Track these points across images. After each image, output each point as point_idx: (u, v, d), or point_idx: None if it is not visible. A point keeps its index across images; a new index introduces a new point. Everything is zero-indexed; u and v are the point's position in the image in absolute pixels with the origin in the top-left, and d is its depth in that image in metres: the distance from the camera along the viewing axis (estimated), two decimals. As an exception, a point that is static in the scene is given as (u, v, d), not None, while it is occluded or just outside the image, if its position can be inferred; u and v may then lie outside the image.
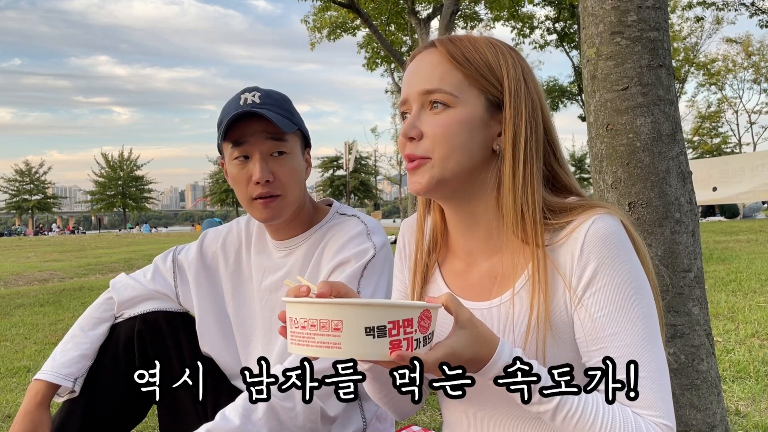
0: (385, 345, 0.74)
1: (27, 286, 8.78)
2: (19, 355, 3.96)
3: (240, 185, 1.41)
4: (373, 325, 0.73)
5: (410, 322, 0.75)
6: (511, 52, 0.98)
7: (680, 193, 1.50)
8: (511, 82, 0.94)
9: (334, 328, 0.73)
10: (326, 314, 0.74)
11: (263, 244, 1.56)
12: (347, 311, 0.73)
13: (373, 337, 0.73)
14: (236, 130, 1.38)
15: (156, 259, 1.67)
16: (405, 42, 17.59)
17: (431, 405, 2.58)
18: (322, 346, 0.74)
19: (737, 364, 2.79)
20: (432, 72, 0.94)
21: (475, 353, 0.82)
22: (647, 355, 0.88)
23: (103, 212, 57.93)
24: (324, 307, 0.74)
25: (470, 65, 0.94)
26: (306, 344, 0.76)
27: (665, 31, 1.53)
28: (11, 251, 17.31)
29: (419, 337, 0.77)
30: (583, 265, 0.90)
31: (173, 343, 1.55)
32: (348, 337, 0.73)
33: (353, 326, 0.73)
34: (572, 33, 21.46)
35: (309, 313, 0.75)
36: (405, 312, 0.75)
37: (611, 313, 0.89)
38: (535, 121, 0.95)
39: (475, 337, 0.82)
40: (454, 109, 0.93)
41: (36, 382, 1.47)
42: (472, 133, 0.93)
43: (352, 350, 0.73)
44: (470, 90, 0.94)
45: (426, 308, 0.78)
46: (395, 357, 0.74)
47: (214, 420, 1.18)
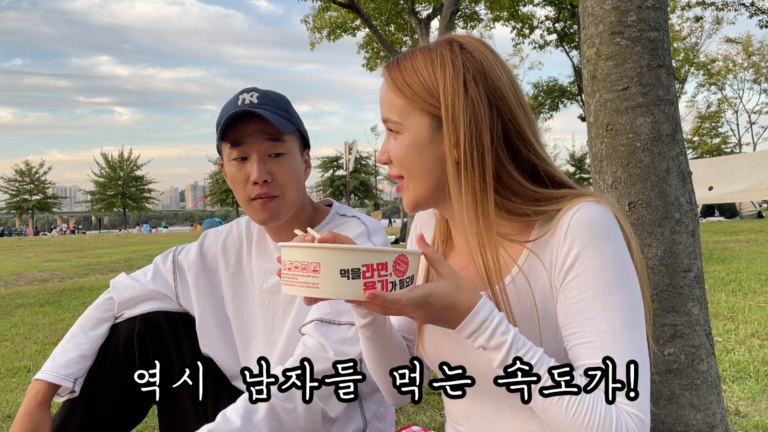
0: (359, 286, 0.79)
1: (27, 286, 8.78)
2: (19, 355, 3.96)
3: (238, 186, 1.41)
4: (348, 268, 0.79)
5: (385, 266, 0.80)
6: (458, 54, 0.95)
7: (680, 193, 1.50)
8: (447, 97, 0.94)
9: (313, 269, 0.80)
10: (306, 257, 0.81)
11: (264, 245, 1.56)
12: (324, 254, 0.80)
13: (347, 278, 0.79)
14: (234, 130, 1.38)
15: (156, 260, 1.67)
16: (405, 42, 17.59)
17: (431, 405, 2.58)
18: (304, 285, 0.80)
19: (737, 364, 2.79)
20: (383, 100, 1.01)
21: (455, 302, 0.85)
22: (623, 344, 0.86)
23: (103, 212, 57.93)
24: (304, 250, 0.81)
25: (409, 89, 0.97)
26: (291, 284, 0.82)
27: (665, 31, 1.53)
28: (11, 251, 17.31)
29: (395, 280, 0.82)
30: (566, 250, 0.90)
31: (173, 343, 1.55)
32: (325, 278, 0.79)
33: (329, 268, 0.79)
34: (572, 33, 21.46)
35: (293, 255, 0.82)
36: (379, 256, 0.80)
37: (589, 298, 0.88)
38: (478, 131, 0.93)
39: (456, 288, 0.85)
40: (402, 134, 0.98)
41: (36, 382, 1.47)
42: (420, 154, 0.97)
43: (329, 290, 0.79)
44: (413, 114, 0.97)
45: (401, 253, 0.82)
46: (368, 296, 0.79)
47: (215, 421, 1.18)
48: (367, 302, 0.81)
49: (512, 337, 0.85)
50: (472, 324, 0.85)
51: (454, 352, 1.01)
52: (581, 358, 0.88)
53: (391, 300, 0.81)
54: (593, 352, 0.87)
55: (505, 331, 0.85)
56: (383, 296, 0.80)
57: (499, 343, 0.85)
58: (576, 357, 0.89)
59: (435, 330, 1.04)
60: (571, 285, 0.90)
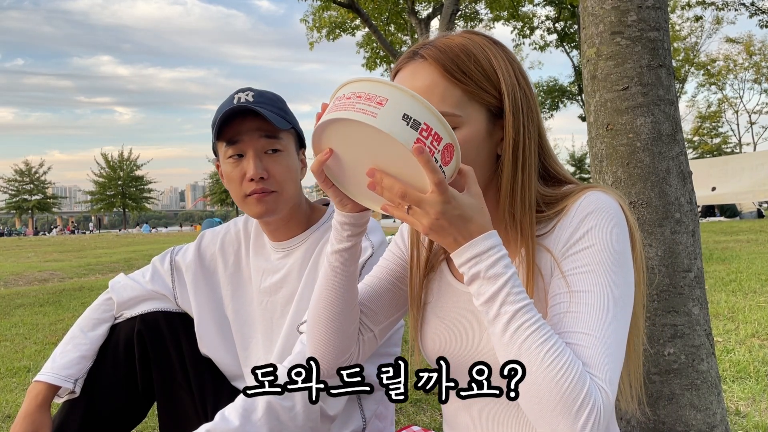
0: (413, 136, 0.77)
1: (27, 286, 8.78)
2: (19, 355, 3.96)
3: (234, 183, 1.41)
4: (412, 116, 0.77)
5: (439, 139, 0.78)
6: (498, 48, 0.95)
7: (680, 193, 1.50)
8: (508, 88, 0.92)
9: (378, 102, 0.77)
10: (377, 90, 0.78)
11: (261, 245, 1.56)
12: (396, 93, 0.77)
13: (407, 124, 0.76)
14: (230, 128, 1.39)
15: (154, 260, 1.67)
16: (405, 42, 17.59)
17: (431, 405, 2.58)
18: (360, 111, 0.77)
19: (737, 364, 2.79)
20: (430, 91, 0.90)
21: (473, 216, 0.82)
22: (606, 322, 0.84)
23: (103, 212, 57.94)
24: (377, 83, 0.78)
25: (468, 79, 0.91)
26: (344, 108, 0.78)
27: (665, 31, 1.53)
28: (11, 251, 17.31)
29: (438, 159, 0.79)
30: (571, 230, 0.90)
31: (173, 343, 1.55)
32: (387, 113, 0.76)
33: (395, 106, 0.76)
34: (572, 33, 21.46)
35: (360, 87, 0.79)
36: (440, 127, 0.78)
37: (585, 273, 0.87)
38: (532, 121, 0.94)
39: (480, 207, 0.83)
40: (459, 129, 0.90)
41: (36, 383, 1.47)
42: (479, 149, 0.92)
43: (385, 124, 0.76)
44: (471, 106, 0.91)
45: (454, 143, 0.81)
46: (416, 150, 0.75)
47: (213, 420, 1.18)
48: (410, 158, 0.76)
49: (511, 273, 0.82)
50: (479, 246, 0.82)
51: (458, 348, 0.99)
52: (563, 327, 0.85)
53: (432, 167, 0.76)
54: (576, 322, 0.84)
55: (507, 265, 0.82)
56: (428, 157, 0.75)
57: (498, 273, 0.81)
58: (558, 326, 0.86)
59: (437, 326, 1.03)
60: (570, 259, 0.89)
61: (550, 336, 0.80)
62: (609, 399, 0.81)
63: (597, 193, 0.92)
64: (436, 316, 1.04)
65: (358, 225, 0.95)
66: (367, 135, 0.78)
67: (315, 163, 0.84)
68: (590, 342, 0.83)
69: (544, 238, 0.94)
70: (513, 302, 0.81)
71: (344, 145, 0.83)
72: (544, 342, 0.79)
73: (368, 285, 1.10)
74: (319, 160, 0.85)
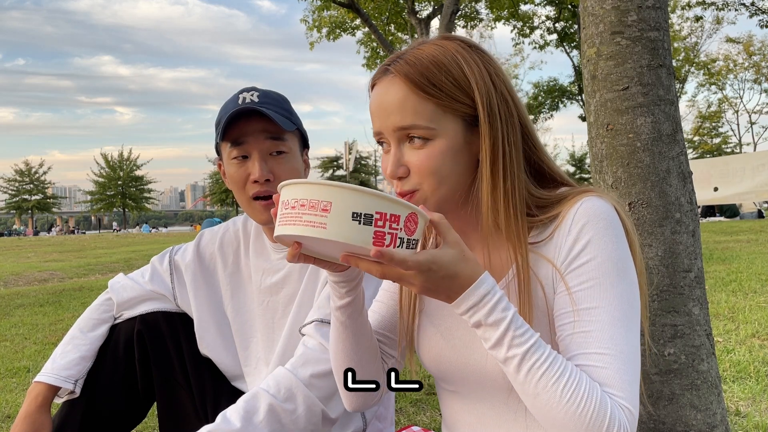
0: (369, 233, 0.73)
1: (27, 286, 8.78)
2: (19, 355, 3.96)
3: (238, 185, 1.41)
4: (361, 212, 0.73)
5: (397, 219, 0.75)
6: (472, 53, 0.93)
7: (680, 193, 1.50)
8: (482, 96, 0.90)
9: (322, 208, 0.73)
10: (317, 194, 0.74)
11: (261, 244, 1.56)
12: (338, 193, 0.73)
13: (359, 222, 0.73)
14: (235, 129, 1.38)
15: (153, 260, 1.67)
16: (405, 41, 17.58)
17: (431, 405, 2.58)
18: (308, 224, 0.73)
19: (737, 365, 2.79)
20: (402, 106, 0.90)
21: (458, 271, 0.80)
22: (619, 336, 0.84)
23: (103, 212, 57.89)
24: (316, 187, 0.74)
25: (440, 92, 0.89)
26: (293, 223, 0.75)
27: (665, 31, 1.53)
28: (11, 251, 17.31)
29: (404, 237, 0.76)
30: (571, 242, 0.89)
31: (173, 343, 1.55)
32: (335, 219, 0.73)
33: (341, 209, 0.73)
34: (572, 33, 21.44)
35: (301, 193, 0.75)
36: (394, 207, 0.75)
37: (591, 288, 0.86)
38: (512, 126, 0.92)
39: (461, 257, 0.80)
40: (433, 141, 0.90)
41: (36, 384, 1.47)
42: (456, 158, 0.91)
43: (337, 232, 0.72)
44: (445, 117, 0.90)
45: (414, 211, 0.77)
46: (375, 253, 0.72)
47: (214, 422, 1.18)
48: (366, 260, 0.75)
49: (512, 315, 0.81)
50: (472, 297, 0.80)
51: (454, 357, 0.99)
52: (576, 349, 0.85)
53: (399, 259, 0.73)
54: (589, 342, 0.84)
55: (505, 308, 0.81)
56: (390, 254, 0.73)
57: (498, 319, 0.80)
58: (570, 347, 0.86)
59: (433, 334, 1.02)
60: (573, 274, 0.88)
61: (564, 369, 0.81)
62: (633, 415, 0.82)
63: (592, 199, 0.90)
64: (432, 324, 1.04)
65: (353, 279, 0.94)
66: (326, 241, 0.75)
67: (288, 255, 0.82)
68: (605, 361, 0.83)
69: (541, 246, 0.93)
70: (519, 344, 0.81)
71: (309, 241, 0.79)
72: (559, 377, 0.80)
73: (377, 313, 1.11)
74: (291, 254, 0.81)
